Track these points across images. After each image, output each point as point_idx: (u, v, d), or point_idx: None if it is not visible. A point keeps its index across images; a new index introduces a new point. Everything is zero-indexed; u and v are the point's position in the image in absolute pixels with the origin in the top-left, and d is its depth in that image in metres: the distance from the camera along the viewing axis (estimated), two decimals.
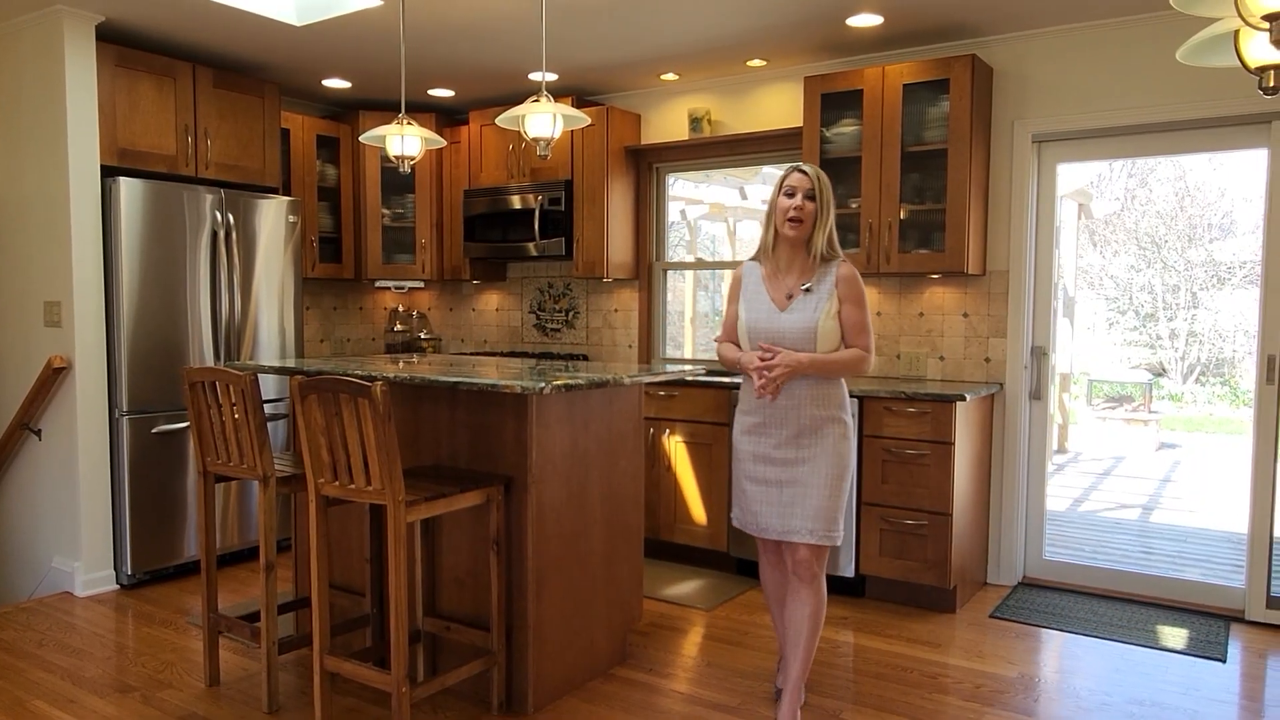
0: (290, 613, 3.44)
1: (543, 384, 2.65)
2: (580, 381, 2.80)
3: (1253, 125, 3.77)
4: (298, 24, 4.06)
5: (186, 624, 3.75)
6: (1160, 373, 12.36)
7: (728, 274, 5.31)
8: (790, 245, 2.81)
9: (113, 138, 4.12)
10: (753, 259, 2.93)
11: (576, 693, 3.09)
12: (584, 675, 3.16)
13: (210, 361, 4.42)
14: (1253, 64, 2.21)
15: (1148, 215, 12.39)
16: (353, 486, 2.63)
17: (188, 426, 4.31)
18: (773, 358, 2.73)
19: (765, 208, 2.90)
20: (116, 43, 4.20)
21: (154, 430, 4.21)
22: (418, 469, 3.05)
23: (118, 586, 4.19)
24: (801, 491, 2.75)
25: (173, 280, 4.27)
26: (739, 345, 2.91)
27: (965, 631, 3.71)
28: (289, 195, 5.05)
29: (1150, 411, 10.14)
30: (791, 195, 2.76)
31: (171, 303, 4.27)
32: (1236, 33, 2.23)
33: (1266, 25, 1.86)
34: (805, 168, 2.79)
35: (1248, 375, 11.50)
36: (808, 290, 2.78)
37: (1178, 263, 12.48)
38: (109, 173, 4.13)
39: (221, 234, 4.44)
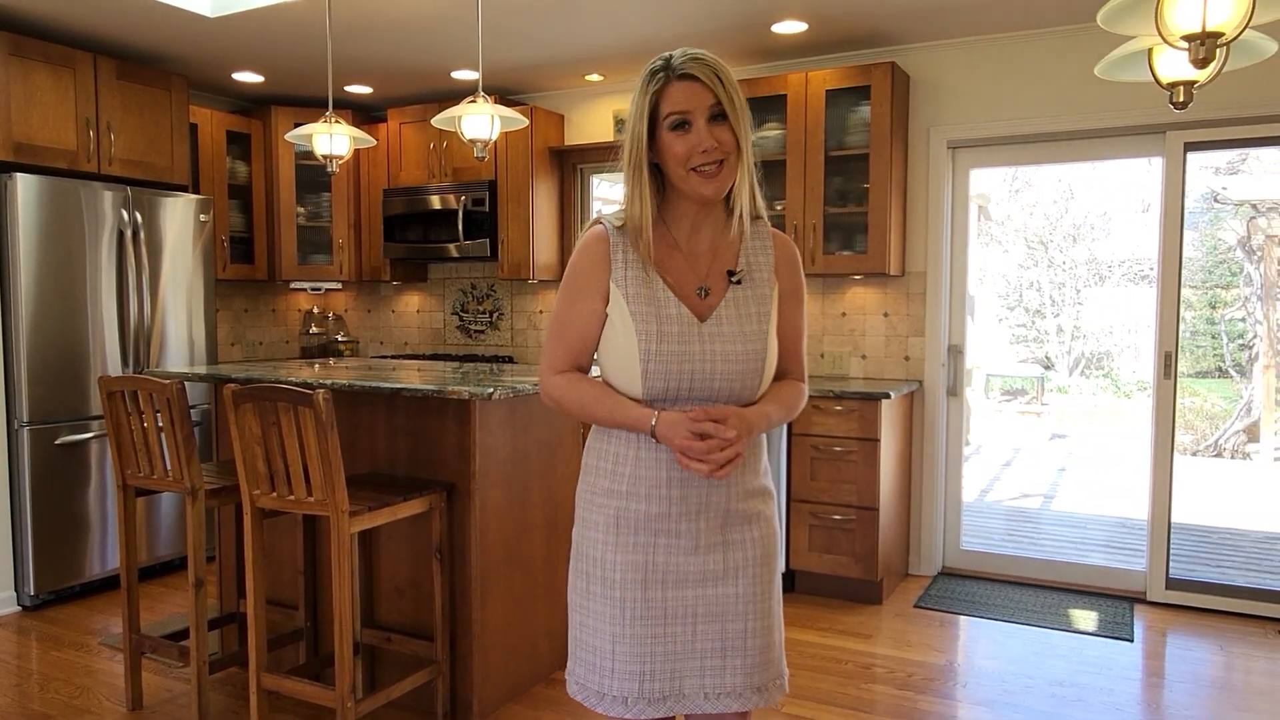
0: (214, 630, 3.30)
1: (490, 389, 2.62)
2: (527, 386, 2.77)
3: (1149, 135, 4.01)
4: (210, 15, 3.89)
5: (98, 645, 3.56)
6: (1048, 366, 13.02)
7: None
8: (696, 206, 1.61)
9: (7, 131, 3.87)
10: (616, 223, 1.64)
11: (520, 699, 3.07)
12: (527, 681, 3.13)
13: (117, 368, 4.20)
14: (1165, 80, 2.37)
15: (1035, 215, 13.03)
16: (291, 498, 2.54)
17: (94, 437, 4.09)
18: (724, 424, 1.52)
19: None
20: (9, 29, 3.94)
21: (57, 441, 3.97)
22: (355, 477, 2.97)
23: (19, 608, 3.94)
24: (733, 625, 1.64)
25: (75, 283, 4.04)
26: (590, 372, 1.71)
27: (893, 622, 3.83)
28: (198, 193, 4.83)
29: (1042, 404, 10.68)
30: (683, 127, 1.53)
31: (74, 307, 4.04)
32: (1151, 50, 2.39)
33: (1185, 45, 1.99)
34: (689, 69, 1.52)
35: (1126, 368, 12.22)
36: (737, 281, 1.63)
37: (1063, 261, 13.16)
38: (3, 168, 3.87)
39: (128, 234, 4.22)
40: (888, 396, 3.89)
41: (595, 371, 1.72)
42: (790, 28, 4.06)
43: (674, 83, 1.53)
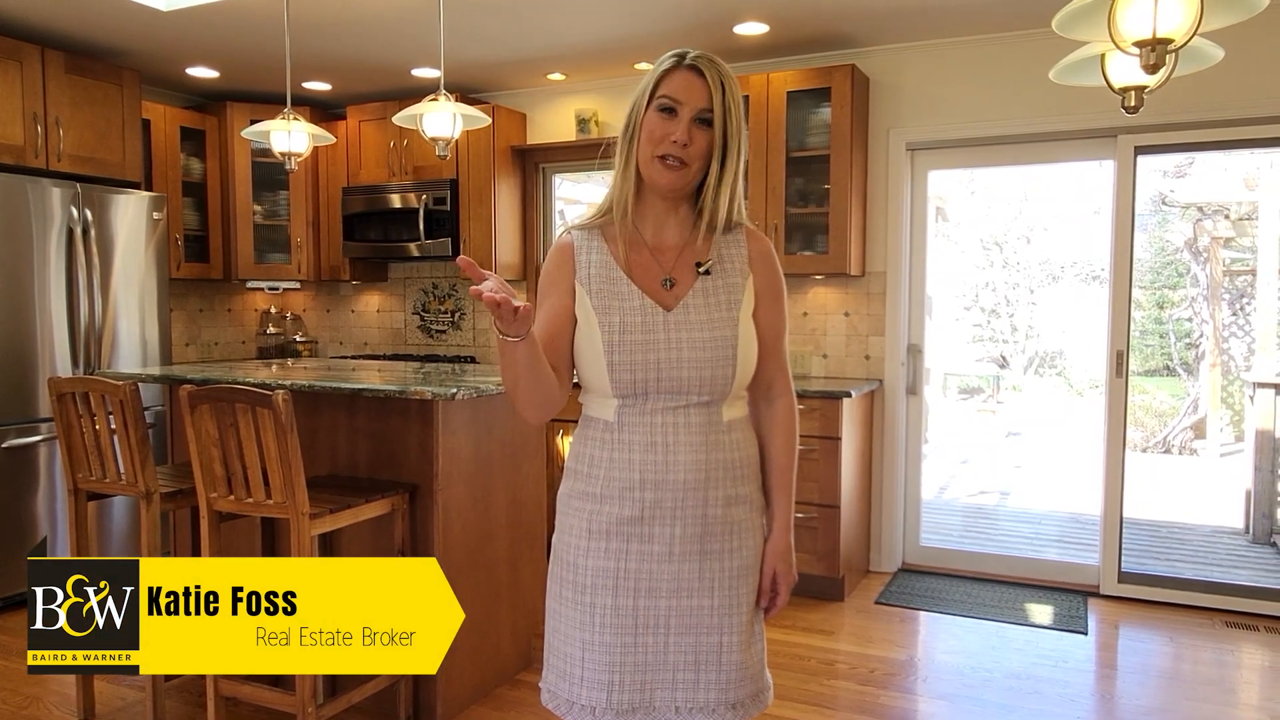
0: None
1: (453, 390, 2.60)
2: (490, 387, 2.76)
3: (1101, 138, 4.10)
4: (164, 8, 3.82)
5: None
6: (1003, 365, 13.25)
7: None
8: (661, 202, 1.62)
9: None
10: (585, 225, 1.67)
11: (485, 701, 3.05)
12: (491, 682, 3.12)
13: (67, 369, 4.10)
14: (1117, 85, 2.42)
15: (990, 217, 13.25)
16: (250, 501, 2.51)
17: (43, 440, 3.99)
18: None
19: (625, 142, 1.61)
20: None
21: (4, 444, 3.86)
22: (315, 479, 2.93)
23: None
24: (708, 638, 1.60)
25: (22, 282, 3.93)
26: (553, 369, 1.58)
27: (854, 618, 3.87)
28: (151, 190, 4.73)
29: (998, 402, 10.86)
30: (670, 111, 1.54)
31: (21, 306, 3.93)
32: (1103, 56, 2.44)
33: (1137, 50, 2.04)
34: (700, 64, 1.54)
35: (1078, 367, 12.47)
36: (705, 272, 1.62)
37: (1018, 262, 13.39)
38: None
39: (78, 231, 4.12)
40: (849, 395, 3.93)
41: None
42: (751, 29, 4.08)
43: (681, 70, 1.55)
